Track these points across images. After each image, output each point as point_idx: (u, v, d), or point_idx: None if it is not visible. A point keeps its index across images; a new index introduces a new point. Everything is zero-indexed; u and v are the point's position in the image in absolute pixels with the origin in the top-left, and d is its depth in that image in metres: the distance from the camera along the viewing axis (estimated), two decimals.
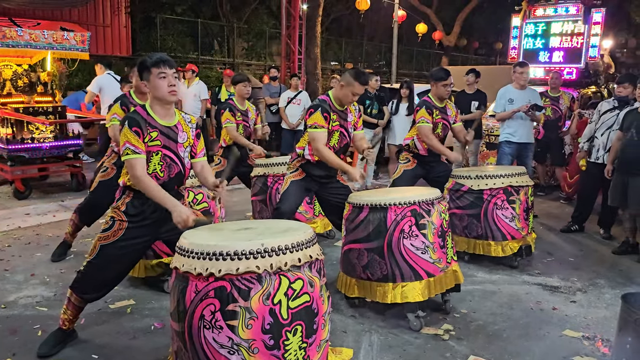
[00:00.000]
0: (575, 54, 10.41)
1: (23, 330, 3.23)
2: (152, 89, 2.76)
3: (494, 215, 4.37)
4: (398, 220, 3.25)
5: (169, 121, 2.82)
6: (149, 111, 2.78)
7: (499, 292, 3.99)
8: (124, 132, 2.69)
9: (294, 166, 3.89)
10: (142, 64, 2.77)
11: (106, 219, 2.87)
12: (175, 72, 2.77)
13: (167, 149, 2.78)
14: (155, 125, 2.76)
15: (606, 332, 3.34)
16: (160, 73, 2.71)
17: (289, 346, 2.23)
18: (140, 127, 2.69)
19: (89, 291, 2.88)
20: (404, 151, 4.82)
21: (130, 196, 2.81)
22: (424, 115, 4.54)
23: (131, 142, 2.67)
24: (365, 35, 23.64)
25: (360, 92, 3.64)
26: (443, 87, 4.55)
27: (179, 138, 2.84)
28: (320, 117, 3.60)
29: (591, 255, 4.97)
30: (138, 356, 2.97)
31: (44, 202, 6.50)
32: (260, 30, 18.03)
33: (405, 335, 3.24)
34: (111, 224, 2.81)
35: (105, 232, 2.81)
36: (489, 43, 26.74)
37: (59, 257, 4.44)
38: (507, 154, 5.99)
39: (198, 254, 2.25)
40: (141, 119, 2.73)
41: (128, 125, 2.69)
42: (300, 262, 2.28)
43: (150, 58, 2.75)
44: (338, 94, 3.70)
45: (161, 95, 2.74)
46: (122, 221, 2.80)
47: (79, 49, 7.00)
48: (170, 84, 2.73)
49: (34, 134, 6.80)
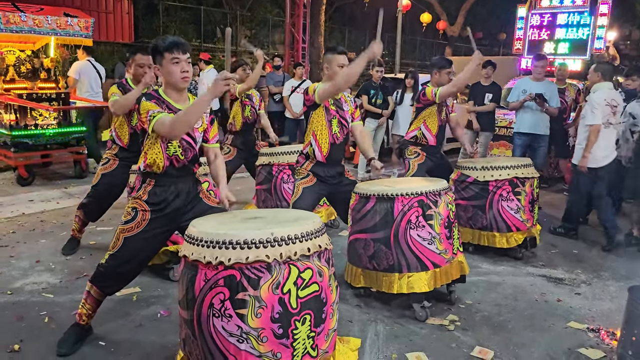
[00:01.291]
0: (580, 45, 10.35)
1: (30, 317, 3.24)
2: (165, 74, 2.69)
3: (499, 206, 4.37)
4: (405, 211, 3.24)
5: (184, 105, 2.76)
6: (163, 95, 2.74)
7: (504, 284, 4.00)
8: (143, 105, 2.63)
9: (304, 171, 3.72)
10: (155, 48, 2.69)
11: (127, 209, 2.79)
12: (189, 57, 2.72)
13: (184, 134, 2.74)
14: (172, 108, 2.71)
15: (611, 324, 3.35)
16: (174, 58, 2.64)
17: (297, 335, 2.24)
18: (158, 103, 2.66)
19: (111, 284, 2.84)
20: (410, 145, 4.67)
21: (152, 184, 2.76)
22: (432, 88, 4.43)
23: (152, 108, 2.61)
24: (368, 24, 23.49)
25: (344, 62, 3.52)
26: (447, 75, 4.50)
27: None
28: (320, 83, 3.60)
29: (595, 247, 4.97)
30: (145, 344, 2.98)
31: (48, 189, 6.50)
32: (264, 19, 17.91)
33: (410, 326, 3.25)
34: (134, 215, 2.74)
35: (128, 223, 2.74)
36: (492, 34, 26.57)
37: (70, 251, 4.35)
38: (518, 145, 6.02)
39: (207, 242, 2.25)
40: (158, 100, 2.69)
41: (145, 98, 2.65)
42: (309, 251, 2.27)
43: (163, 42, 2.67)
44: (328, 78, 3.57)
45: (174, 81, 2.69)
46: (145, 211, 2.73)
47: (83, 35, 6.96)
48: (183, 70, 2.67)
49: (37, 120, 6.78)
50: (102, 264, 2.81)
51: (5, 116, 6.67)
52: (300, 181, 3.72)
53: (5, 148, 6.66)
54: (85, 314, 2.89)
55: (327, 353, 2.41)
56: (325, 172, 3.70)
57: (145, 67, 3.94)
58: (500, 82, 7.46)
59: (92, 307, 2.88)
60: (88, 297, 2.86)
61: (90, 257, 4.29)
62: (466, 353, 2.95)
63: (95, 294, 2.85)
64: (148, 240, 2.76)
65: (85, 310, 2.88)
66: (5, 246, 4.47)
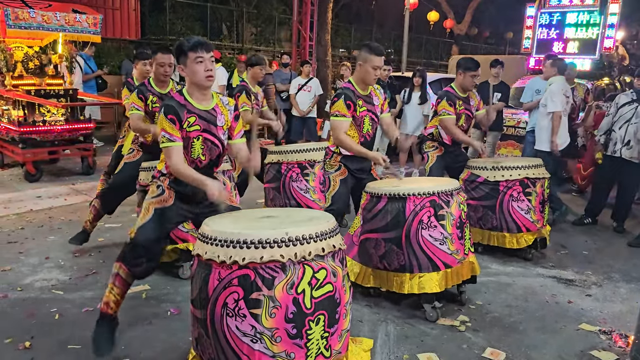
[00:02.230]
0: (590, 45, 10.28)
1: (40, 314, 3.24)
2: (189, 73, 2.71)
3: (510, 206, 4.34)
4: (417, 211, 3.23)
5: (207, 105, 2.79)
6: (187, 96, 2.75)
7: (514, 284, 3.98)
8: (160, 119, 2.68)
9: (335, 164, 3.75)
10: (180, 48, 2.71)
11: (152, 189, 2.84)
12: (212, 56, 2.73)
13: (207, 133, 2.77)
14: (193, 110, 2.73)
15: (623, 326, 3.32)
16: (198, 57, 2.66)
17: (311, 335, 2.22)
18: (177, 114, 2.67)
19: (140, 259, 2.76)
20: (427, 140, 4.73)
21: (169, 179, 2.81)
22: (445, 107, 4.44)
23: (166, 130, 2.66)
24: (374, 22, 23.42)
25: (379, 65, 3.54)
26: (472, 78, 4.46)
27: (218, 121, 2.81)
28: (343, 105, 3.53)
29: (605, 248, 4.94)
30: (155, 342, 2.97)
31: (55, 185, 6.52)
32: (270, 16, 17.88)
33: (421, 326, 3.23)
34: (161, 191, 2.80)
35: (157, 197, 2.79)
36: (499, 33, 26.44)
37: (78, 242, 4.32)
38: (530, 142, 6.00)
39: (221, 241, 2.23)
40: (178, 105, 2.71)
41: (164, 113, 2.67)
42: (324, 251, 2.26)
43: (188, 42, 2.69)
44: (359, 76, 3.62)
45: (198, 80, 2.70)
46: (170, 189, 2.80)
47: (91, 32, 6.96)
48: (207, 69, 2.69)
49: (45, 116, 6.79)
50: (131, 239, 2.85)
51: (13, 112, 6.68)
52: (334, 173, 3.75)
53: (13, 144, 6.68)
54: (113, 301, 2.79)
55: (340, 354, 2.40)
56: (355, 165, 3.73)
57: (165, 66, 3.93)
58: (507, 81, 7.43)
59: (120, 291, 2.80)
60: (116, 280, 2.78)
61: (99, 254, 4.29)
62: (478, 354, 2.94)
63: (124, 274, 2.77)
64: (173, 218, 2.82)
65: (113, 296, 2.78)
66: (14, 242, 4.48)
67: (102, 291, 3.53)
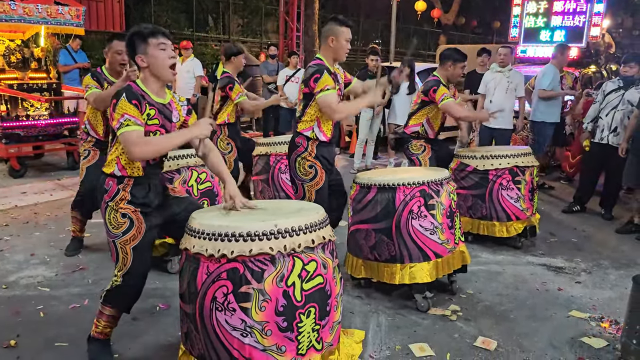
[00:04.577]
0: (577, 33, 10.31)
1: (26, 312, 3.18)
2: (152, 62, 2.44)
3: (499, 195, 4.34)
4: (407, 201, 3.21)
5: (163, 99, 2.55)
6: (142, 87, 2.48)
7: (504, 273, 3.98)
8: (121, 104, 2.35)
9: (311, 167, 3.40)
10: (137, 34, 2.43)
11: (116, 219, 2.49)
12: (173, 47, 2.55)
13: (163, 129, 2.53)
14: (152, 102, 2.47)
15: (612, 313, 3.34)
16: (160, 44, 2.43)
17: (302, 328, 2.20)
18: (139, 100, 2.40)
19: (132, 303, 2.65)
20: (413, 140, 4.45)
21: (130, 184, 2.50)
22: (445, 92, 4.22)
23: (130, 113, 2.34)
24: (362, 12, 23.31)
25: (350, 36, 3.35)
26: (461, 69, 4.40)
27: (173, 117, 2.59)
28: (329, 78, 3.26)
29: (594, 236, 4.97)
30: (144, 337, 2.93)
31: (40, 181, 6.42)
32: (256, 7, 17.71)
33: (412, 316, 3.22)
34: (130, 223, 2.48)
35: (127, 233, 2.48)
36: (486, 22, 26.46)
37: (74, 251, 4.17)
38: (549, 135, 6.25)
39: (209, 234, 2.19)
40: (138, 93, 2.43)
41: (126, 97, 2.36)
42: (314, 243, 2.23)
43: (145, 28, 2.44)
44: (331, 52, 3.35)
45: (160, 68, 2.45)
46: (135, 212, 2.49)
47: (74, 24, 6.81)
48: (171, 56, 2.48)
49: (28, 111, 6.68)
50: (119, 285, 2.54)
51: None
52: (310, 183, 3.45)
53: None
54: (104, 331, 2.68)
55: (332, 346, 2.38)
56: (329, 153, 3.49)
57: (123, 54, 3.74)
58: None
59: (112, 325, 2.68)
60: (102, 316, 2.64)
61: (85, 249, 4.23)
62: (469, 343, 2.93)
63: (111, 313, 2.64)
64: (150, 241, 2.60)
65: (101, 328, 2.66)
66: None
67: (89, 287, 3.52)
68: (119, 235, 2.49)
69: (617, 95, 5.28)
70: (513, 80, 6.04)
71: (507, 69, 6.09)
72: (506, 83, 6.03)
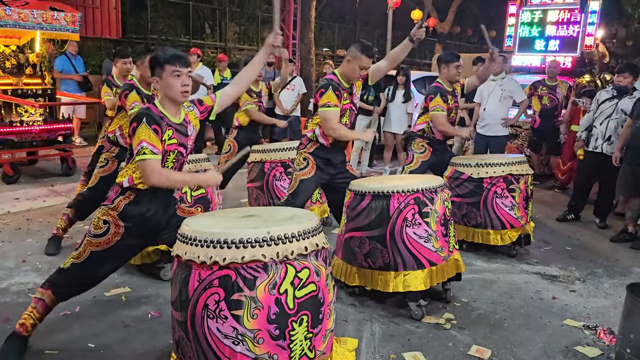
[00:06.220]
0: (571, 42, 10.38)
1: (16, 319, 3.08)
2: (164, 87, 2.58)
3: (494, 203, 4.34)
4: (401, 208, 3.20)
5: (179, 118, 2.69)
6: (161, 109, 2.61)
7: (498, 281, 3.97)
8: (142, 129, 2.47)
9: (304, 160, 3.69)
10: (156, 60, 2.58)
11: (98, 222, 2.61)
12: (190, 71, 2.62)
13: (181, 146, 2.68)
14: (170, 123, 2.61)
15: (607, 321, 3.33)
16: (175, 71, 2.54)
17: (294, 336, 2.18)
18: (159, 124, 2.53)
19: (68, 291, 2.71)
20: (417, 138, 4.62)
21: (131, 197, 2.61)
22: (439, 103, 4.37)
23: (150, 140, 2.47)
24: (358, 20, 23.43)
25: (367, 66, 3.52)
26: (455, 69, 4.44)
27: (189, 131, 2.73)
28: (333, 95, 3.47)
29: (588, 244, 4.97)
30: (135, 345, 2.90)
31: (34, 187, 6.37)
32: (253, 14, 17.76)
33: (406, 325, 3.20)
34: (106, 229, 2.59)
35: (98, 237, 2.60)
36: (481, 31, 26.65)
37: (55, 250, 4.20)
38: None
39: (201, 241, 2.18)
40: (157, 117, 2.56)
41: (147, 122, 2.48)
42: (306, 250, 2.22)
43: (164, 53, 2.57)
44: (345, 71, 3.59)
45: (173, 95, 2.58)
46: (117, 226, 2.59)
47: (70, 30, 6.81)
48: (184, 84, 2.57)
49: (22, 116, 6.63)
50: (63, 269, 2.66)
51: None
52: (299, 172, 3.70)
53: None
54: (31, 324, 2.67)
55: (325, 354, 2.36)
56: (328, 156, 3.68)
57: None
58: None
59: (41, 316, 2.69)
60: (38, 304, 2.67)
61: None
62: (463, 352, 2.92)
63: (48, 300, 2.67)
64: (119, 253, 2.66)
65: (32, 319, 2.67)
66: None
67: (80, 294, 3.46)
68: (91, 234, 2.63)
69: (611, 104, 5.31)
70: (507, 88, 6.06)
71: (501, 77, 6.12)
72: (500, 91, 6.06)
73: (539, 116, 6.99)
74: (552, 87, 7.01)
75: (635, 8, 16.12)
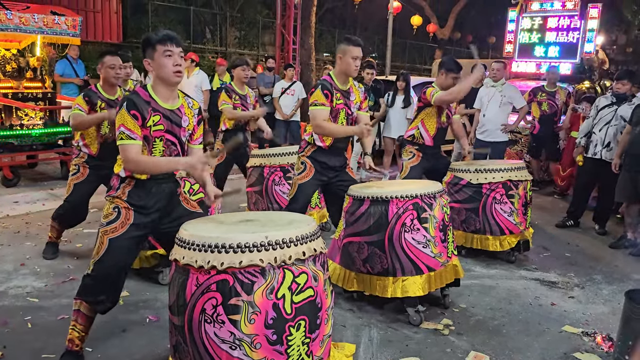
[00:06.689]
0: (571, 49, 10.42)
1: (14, 322, 3.14)
2: (156, 67, 2.55)
3: (493, 209, 4.34)
4: (400, 214, 3.20)
5: (172, 104, 2.63)
6: (151, 93, 2.58)
7: (497, 287, 3.97)
8: (121, 114, 2.48)
9: (302, 164, 3.75)
10: (147, 41, 2.55)
11: (108, 210, 2.61)
12: (182, 52, 2.60)
13: (170, 134, 2.61)
14: (158, 108, 2.56)
15: (605, 328, 3.32)
16: (166, 51, 2.51)
17: (292, 341, 2.17)
18: (141, 110, 2.50)
19: (101, 296, 2.61)
20: (407, 144, 4.64)
21: (132, 184, 2.60)
22: (433, 90, 4.36)
23: (127, 125, 2.47)
24: (358, 26, 23.51)
25: (358, 55, 3.52)
26: (452, 80, 4.44)
27: (183, 122, 2.67)
28: (321, 94, 3.52)
29: (587, 250, 4.97)
30: (133, 349, 2.90)
31: (33, 190, 6.37)
32: (253, 20, 17.83)
33: (405, 330, 3.20)
34: (117, 214, 2.57)
35: (111, 223, 2.57)
36: (481, 37, 26.71)
37: (52, 255, 4.20)
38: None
39: (199, 245, 2.18)
40: (142, 101, 2.53)
41: (126, 107, 2.48)
42: (304, 255, 2.21)
43: (156, 34, 2.54)
44: (340, 69, 3.60)
45: (165, 75, 2.54)
46: (128, 209, 2.58)
47: (70, 34, 6.83)
48: (176, 64, 2.54)
49: (23, 120, 6.64)
50: (88, 274, 2.61)
51: None
52: (298, 176, 3.75)
53: None
54: (78, 337, 2.64)
55: (322, 359, 2.35)
56: (327, 159, 3.71)
57: (116, 68, 3.87)
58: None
59: (84, 328, 2.65)
60: (78, 317, 2.63)
61: (76, 260, 4.19)
62: (461, 358, 2.91)
63: (85, 310, 2.63)
64: (133, 240, 2.61)
65: (77, 332, 2.63)
66: None
67: None
68: (104, 224, 2.60)
69: (610, 110, 5.32)
70: (506, 94, 6.07)
71: (500, 84, 6.13)
72: (499, 97, 6.06)
73: (539, 122, 7.01)
74: (551, 93, 7.02)
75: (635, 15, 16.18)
